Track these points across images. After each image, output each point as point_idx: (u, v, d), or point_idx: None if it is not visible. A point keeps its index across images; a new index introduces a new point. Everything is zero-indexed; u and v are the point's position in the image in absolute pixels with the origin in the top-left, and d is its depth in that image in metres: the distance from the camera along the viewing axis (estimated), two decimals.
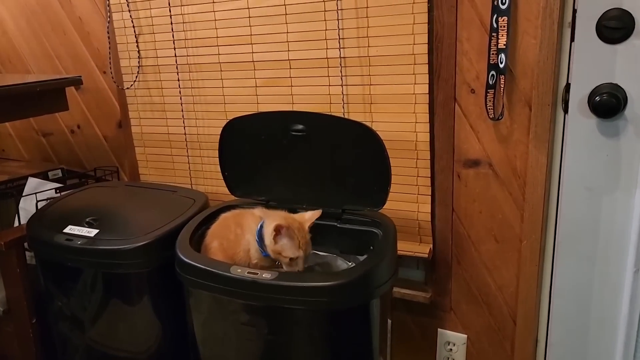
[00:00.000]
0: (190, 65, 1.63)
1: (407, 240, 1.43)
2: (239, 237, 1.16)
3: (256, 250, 1.13)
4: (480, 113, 1.28)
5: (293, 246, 1.07)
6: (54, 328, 1.42)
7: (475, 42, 1.24)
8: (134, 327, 1.31)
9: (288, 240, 1.06)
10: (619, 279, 1.23)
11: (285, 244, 1.06)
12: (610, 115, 1.13)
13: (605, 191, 1.19)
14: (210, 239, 1.21)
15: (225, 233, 1.19)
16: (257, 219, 1.17)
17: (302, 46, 1.44)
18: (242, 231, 1.17)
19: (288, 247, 1.06)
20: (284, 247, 1.05)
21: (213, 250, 1.18)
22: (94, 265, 1.27)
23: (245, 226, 1.18)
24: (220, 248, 1.18)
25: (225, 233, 1.19)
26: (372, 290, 1.07)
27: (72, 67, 1.94)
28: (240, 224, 1.19)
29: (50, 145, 2.12)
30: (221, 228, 1.22)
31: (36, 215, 1.43)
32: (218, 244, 1.19)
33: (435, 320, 1.49)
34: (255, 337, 1.10)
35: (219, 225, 1.23)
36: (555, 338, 1.33)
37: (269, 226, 1.07)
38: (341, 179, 1.25)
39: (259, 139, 1.30)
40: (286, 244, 1.06)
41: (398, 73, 1.33)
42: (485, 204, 1.34)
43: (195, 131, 1.69)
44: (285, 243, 1.06)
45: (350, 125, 1.22)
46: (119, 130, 1.89)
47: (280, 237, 1.06)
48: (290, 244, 1.06)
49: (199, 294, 1.14)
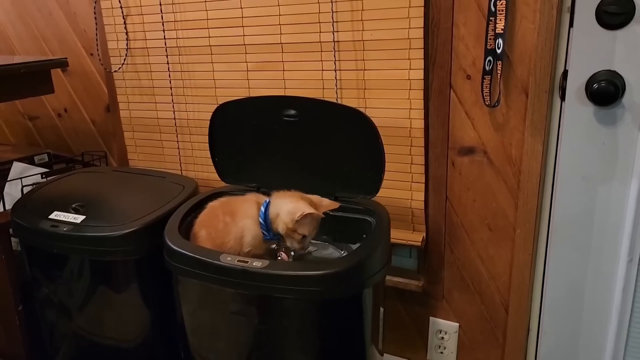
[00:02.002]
0: (180, 48, 1.59)
1: (400, 228, 1.42)
2: (228, 226, 1.14)
3: (253, 236, 1.11)
4: (475, 100, 1.26)
5: (310, 225, 1.07)
6: (41, 315, 1.40)
7: (473, 26, 1.22)
8: (122, 315, 1.28)
9: (309, 220, 1.06)
10: (613, 268, 1.22)
11: (305, 223, 1.06)
12: (608, 103, 1.11)
13: (600, 180, 1.18)
14: (198, 228, 1.19)
15: (214, 222, 1.17)
16: (253, 204, 1.14)
17: (295, 29, 1.40)
18: (233, 219, 1.14)
19: (305, 226, 1.06)
20: (302, 225, 1.06)
21: (201, 239, 1.16)
22: (81, 252, 1.24)
23: (239, 213, 1.15)
24: (208, 237, 1.15)
25: (213, 222, 1.17)
26: (365, 279, 1.05)
27: (58, 49, 1.89)
28: (231, 212, 1.16)
29: (36, 129, 2.08)
30: (209, 217, 1.19)
31: (21, 200, 1.40)
32: (206, 233, 1.16)
33: (427, 308, 1.48)
34: (245, 326, 1.08)
35: (206, 215, 1.20)
36: (547, 327, 1.33)
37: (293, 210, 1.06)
38: (334, 166, 1.23)
39: (250, 124, 1.27)
40: (305, 223, 1.06)
41: (393, 58, 1.31)
42: (479, 192, 1.32)
43: (185, 116, 1.66)
44: (305, 223, 1.06)
45: (343, 110, 1.19)
46: (107, 115, 1.86)
47: (304, 220, 1.06)
48: (309, 224, 1.06)
49: (188, 283, 1.12)
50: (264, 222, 1.11)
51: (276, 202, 1.11)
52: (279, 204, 1.10)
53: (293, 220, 1.06)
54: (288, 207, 1.08)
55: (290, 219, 1.06)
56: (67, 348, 1.39)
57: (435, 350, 1.51)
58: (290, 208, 1.07)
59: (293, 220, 1.06)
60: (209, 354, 1.16)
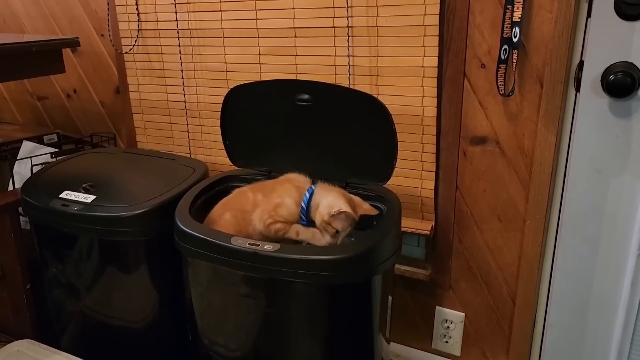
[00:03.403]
0: (192, 30, 1.58)
1: (409, 216, 1.41)
2: (259, 204, 1.13)
3: (290, 213, 1.12)
4: (489, 89, 1.25)
5: (345, 222, 1.09)
6: (49, 294, 1.40)
7: (489, 14, 1.20)
8: (130, 295, 1.29)
9: (344, 217, 1.08)
10: (622, 262, 1.21)
11: (340, 219, 1.08)
12: (623, 95, 1.10)
13: (613, 173, 1.17)
14: (219, 211, 1.18)
15: (241, 204, 1.16)
16: (294, 187, 1.15)
17: (309, 14, 1.39)
18: (268, 197, 1.14)
19: (340, 222, 1.08)
20: (336, 220, 1.08)
21: (223, 223, 1.16)
22: (91, 232, 1.24)
23: (277, 191, 1.15)
24: (233, 221, 1.15)
25: (240, 204, 1.16)
26: (375, 266, 1.05)
27: (68, 29, 1.88)
28: (265, 191, 1.15)
29: (45, 110, 2.08)
30: (235, 200, 1.19)
31: (31, 179, 1.40)
32: (231, 216, 1.16)
33: (434, 298, 1.49)
34: (254, 309, 1.08)
35: (232, 198, 1.20)
36: (554, 319, 1.33)
37: (332, 204, 1.09)
38: (346, 152, 1.22)
39: (262, 108, 1.27)
40: (340, 219, 1.08)
41: (407, 45, 1.30)
42: (490, 183, 1.32)
43: (195, 99, 1.65)
44: (340, 219, 1.08)
45: (358, 96, 1.18)
46: (117, 96, 1.85)
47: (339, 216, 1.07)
48: (343, 221, 1.08)
49: (197, 264, 1.12)
50: (305, 207, 1.12)
51: (319, 192, 1.13)
52: (321, 195, 1.12)
53: (329, 213, 1.08)
54: (328, 201, 1.10)
55: (327, 212, 1.08)
56: (74, 327, 1.40)
57: (440, 340, 1.51)
58: (330, 202, 1.09)
59: (329, 213, 1.08)
60: (216, 336, 1.16)
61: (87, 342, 1.40)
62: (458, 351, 1.50)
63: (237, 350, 1.15)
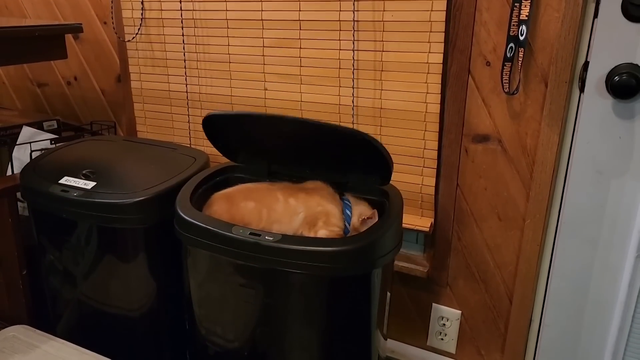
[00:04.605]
0: (196, 20, 1.58)
1: (409, 213, 1.41)
2: (292, 208, 1.16)
3: (340, 218, 1.19)
4: (493, 87, 1.25)
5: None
6: (46, 281, 1.40)
7: (496, 12, 1.20)
8: (128, 283, 1.28)
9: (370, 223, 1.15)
10: (620, 263, 1.22)
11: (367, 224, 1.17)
12: (628, 97, 1.10)
13: (614, 174, 1.18)
14: (242, 196, 1.18)
15: (269, 201, 1.17)
16: (332, 194, 1.21)
17: (314, 7, 1.39)
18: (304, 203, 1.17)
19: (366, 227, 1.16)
20: (365, 225, 1.17)
21: (245, 210, 1.15)
22: (90, 219, 1.24)
23: (316, 198, 1.19)
24: (255, 212, 1.15)
25: (268, 201, 1.17)
26: (376, 259, 1.05)
27: (71, 15, 1.87)
28: (299, 197, 1.18)
29: (45, 97, 2.06)
30: (262, 194, 1.19)
31: (30, 164, 1.39)
32: (255, 207, 1.16)
33: (431, 294, 1.49)
34: (253, 299, 1.08)
35: (257, 191, 1.21)
36: (550, 319, 1.33)
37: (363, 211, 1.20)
38: (344, 158, 1.22)
39: (247, 135, 1.27)
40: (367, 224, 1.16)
41: (412, 40, 1.29)
42: (491, 181, 1.32)
43: (197, 90, 1.65)
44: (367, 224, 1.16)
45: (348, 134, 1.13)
46: (118, 85, 1.84)
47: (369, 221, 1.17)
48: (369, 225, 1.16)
49: (197, 253, 1.12)
50: (350, 216, 1.19)
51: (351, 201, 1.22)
52: (353, 204, 1.21)
53: (359, 219, 1.18)
54: (360, 209, 1.19)
55: (357, 219, 1.18)
56: (71, 314, 1.39)
57: (435, 337, 1.51)
58: (362, 209, 1.19)
59: (359, 219, 1.18)
60: (214, 326, 1.16)
61: (83, 330, 1.39)
62: (453, 349, 1.50)
63: (235, 341, 1.14)
